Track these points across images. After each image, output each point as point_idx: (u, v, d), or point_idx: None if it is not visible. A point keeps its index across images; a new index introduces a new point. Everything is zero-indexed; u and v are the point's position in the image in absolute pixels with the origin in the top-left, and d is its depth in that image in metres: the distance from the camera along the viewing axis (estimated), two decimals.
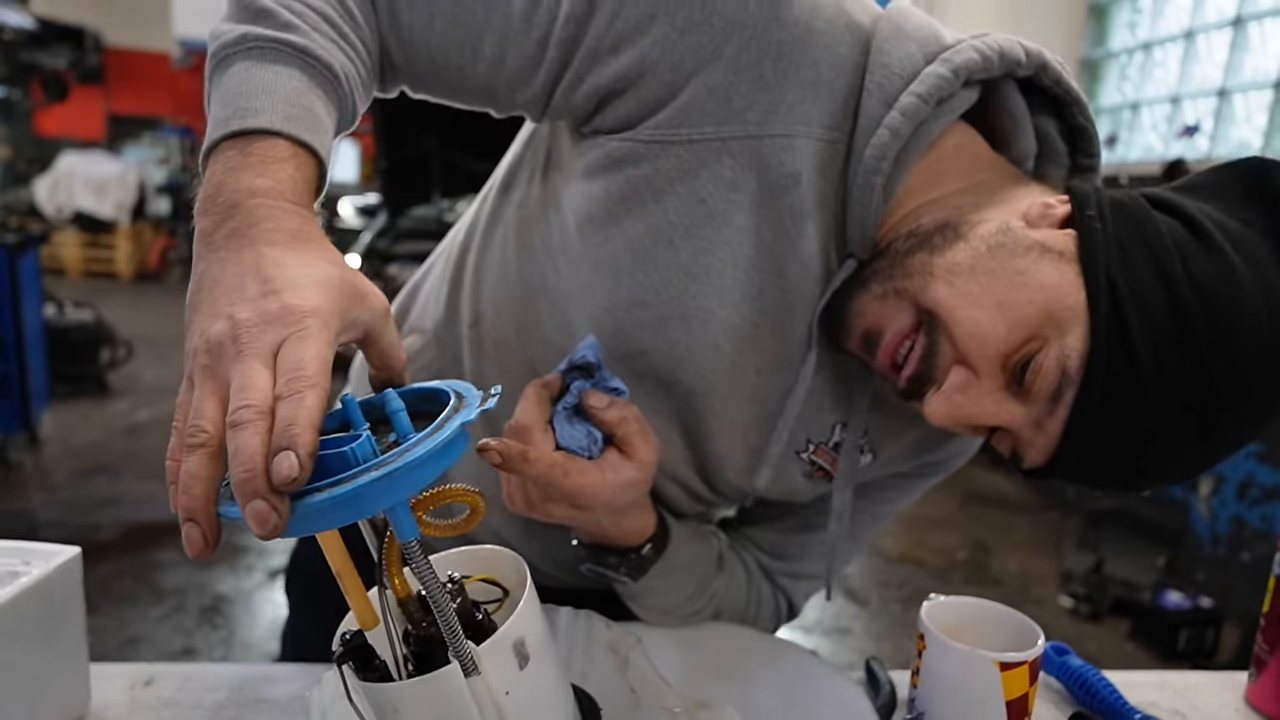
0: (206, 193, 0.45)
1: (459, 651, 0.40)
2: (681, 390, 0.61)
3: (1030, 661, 0.57)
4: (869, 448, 0.66)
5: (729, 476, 0.66)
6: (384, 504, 0.37)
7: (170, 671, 0.65)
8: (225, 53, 0.50)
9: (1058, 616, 2.98)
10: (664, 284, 0.57)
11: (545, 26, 0.56)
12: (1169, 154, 3.57)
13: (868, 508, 0.72)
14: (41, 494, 3.34)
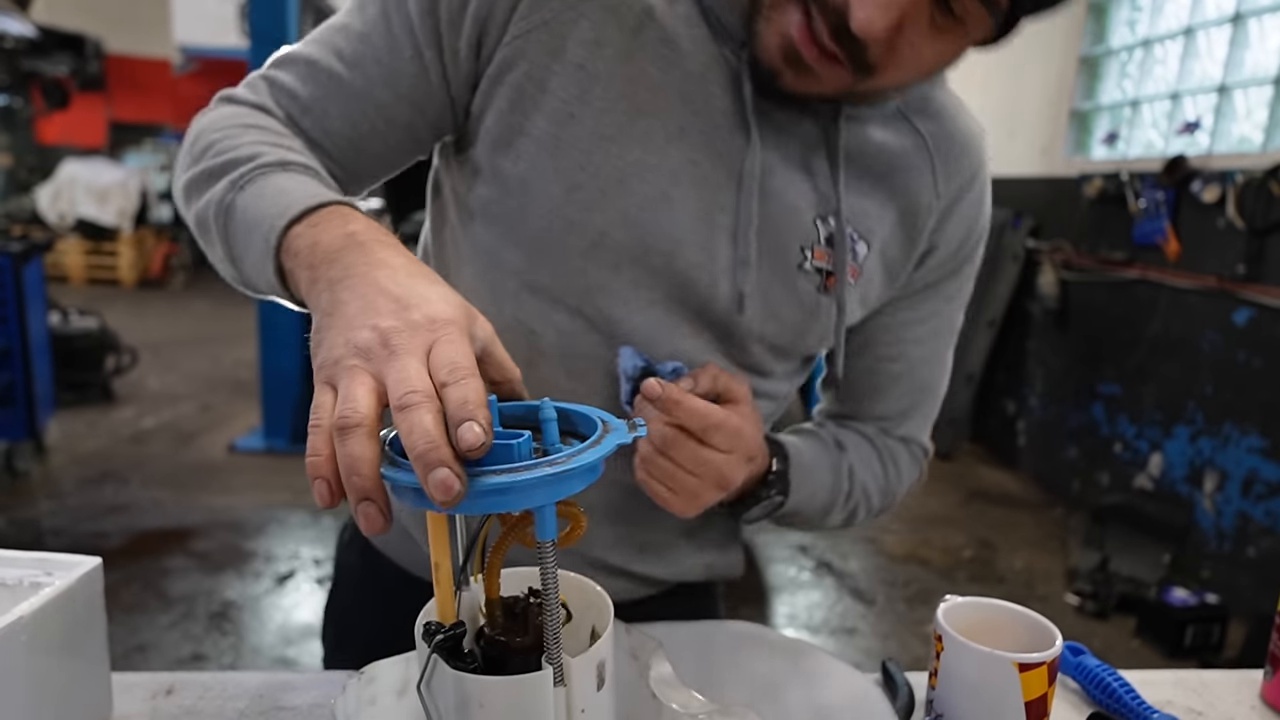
0: (300, 258, 0.50)
1: (554, 659, 0.42)
2: (660, 260, 0.62)
3: (1049, 662, 0.58)
4: (858, 236, 0.66)
5: (748, 324, 0.65)
6: (545, 499, 0.40)
7: (191, 680, 0.66)
8: (225, 202, 0.55)
9: (1063, 614, 2.98)
10: (585, 158, 0.60)
11: (409, 40, 0.61)
12: (1169, 150, 3.58)
13: (914, 328, 0.74)
14: (49, 502, 3.34)
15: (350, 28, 0.63)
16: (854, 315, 0.69)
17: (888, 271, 0.69)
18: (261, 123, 0.61)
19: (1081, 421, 4.02)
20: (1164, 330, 3.48)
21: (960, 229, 0.71)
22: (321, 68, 0.62)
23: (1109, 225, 3.87)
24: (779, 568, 3.24)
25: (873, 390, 0.76)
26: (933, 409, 0.79)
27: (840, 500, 0.72)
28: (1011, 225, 4.60)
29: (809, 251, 0.64)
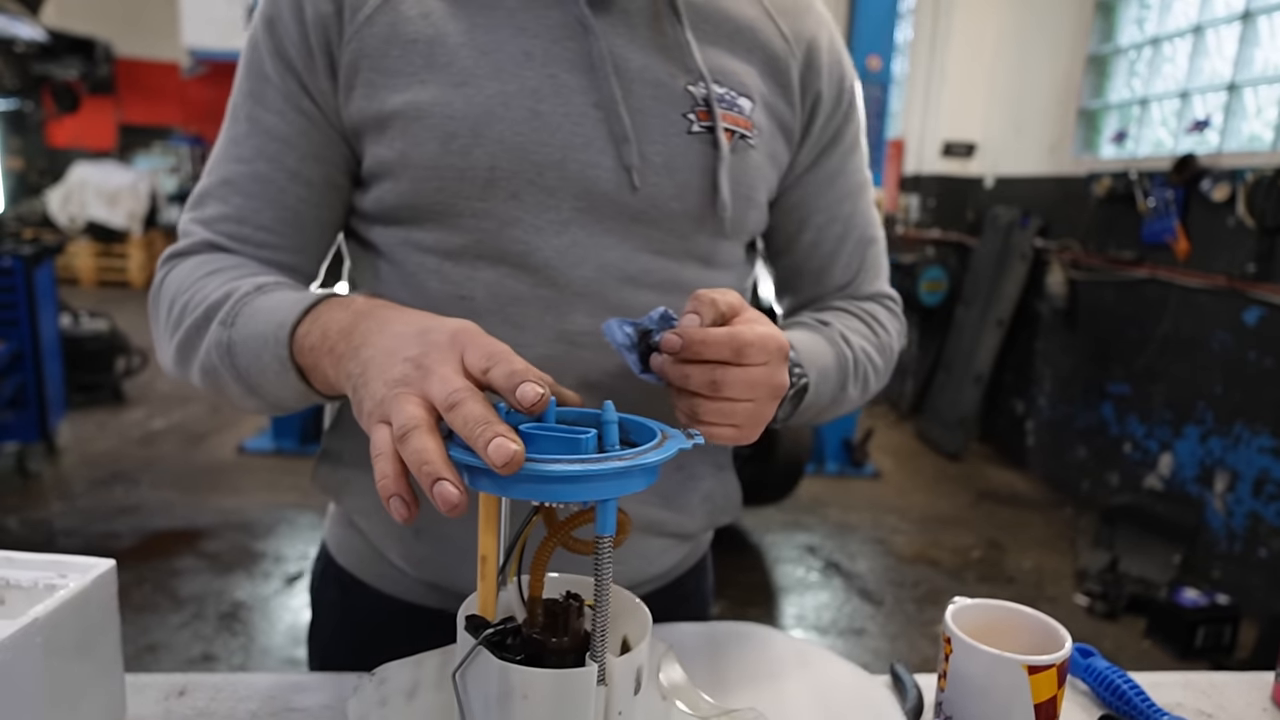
0: (316, 350, 0.55)
1: (599, 656, 0.43)
2: (553, 175, 0.64)
3: (1058, 664, 0.58)
4: (737, 93, 0.68)
5: (652, 200, 0.66)
6: (611, 492, 0.42)
7: (203, 682, 0.66)
8: (223, 342, 0.61)
9: (1073, 615, 2.97)
10: (448, 109, 0.62)
11: (283, 103, 0.65)
12: (1179, 149, 3.56)
13: (835, 186, 0.77)
14: (60, 503, 3.37)
15: (235, 132, 0.68)
16: (767, 172, 0.72)
17: (780, 125, 0.72)
18: (218, 264, 0.65)
19: (1091, 421, 4.01)
20: (1174, 330, 3.47)
21: (830, 75, 0.74)
22: (232, 180, 0.67)
23: (1118, 224, 3.85)
24: (787, 568, 3.24)
25: (824, 261, 0.79)
26: (882, 260, 0.83)
27: (849, 367, 0.73)
28: (1019, 224, 4.58)
29: (692, 116, 0.66)
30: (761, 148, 0.70)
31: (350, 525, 0.78)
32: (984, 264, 4.84)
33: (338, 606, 0.81)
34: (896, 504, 3.96)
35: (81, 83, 6.90)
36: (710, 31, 0.69)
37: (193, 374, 0.65)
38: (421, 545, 0.72)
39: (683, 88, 0.66)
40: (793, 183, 0.76)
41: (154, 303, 0.68)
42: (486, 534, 0.46)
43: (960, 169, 5.37)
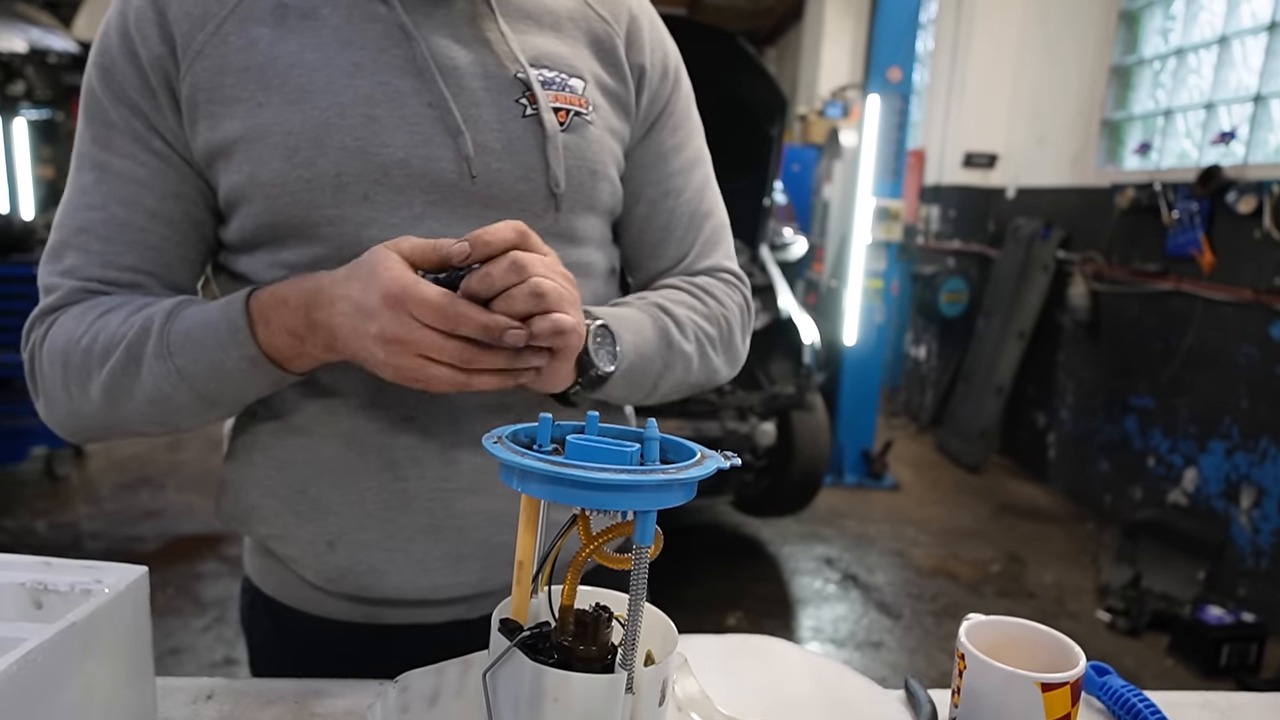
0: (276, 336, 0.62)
1: (629, 665, 0.44)
2: (399, 173, 0.66)
3: (1072, 682, 0.58)
4: (568, 75, 0.72)
5: (496, 185, 0.69)
6: (653, 504, 0.43)
7: (229, 687, 0.68)
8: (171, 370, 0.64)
9: (1095, 631, 2.93)
10: (287, 124, 0.64)
11: (132, 146, 0.66)
12: (1204, 161, 3.53)
13: (669, 161, 0.79)
14: (87, 506, 3.42)
15: (82, 181, 0.68)
16: (611, 144, 0.74)
17: (615, 99, 0.75)
18: (104, 305, 0.66)
19: (1113, 435, 3.96)
20: (1199, 343, 3.43)
21: (653, 51, 0.78)
22: (88, 228, 0.67)
23: (1142, 236, 3.82)
24: (804, 580, 3.23)
25: (660, 233, 0.80)
26: (725, 237, 0.84)
27: (670, 330, 0.74)
28: (1041, 236, 4.55)
29: (524, 101, 0.69)
30: (600, 123, 0.73)
31: (268, 553, 0.77)
32: (1005, 275, 4.81)
33: (270, 634, 0.81)
34: (916, 516, 3.94)
35: None
36: (533, 24, 0.72)
37: (130, 412, 0.65)
38: (337, 557, 0.71)
39: (512, 75, 0.69)
40: (625, 155, 0.78)
41: (40, 363, 0.67)
42: (525, 538, 0.47)
43: (981, 180, 5.34)
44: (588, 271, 0.75)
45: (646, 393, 0.75)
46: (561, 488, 0.43)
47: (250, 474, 0.74)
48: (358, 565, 0.71)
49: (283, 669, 0.77)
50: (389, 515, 0.71)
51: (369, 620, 0.75)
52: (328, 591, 0.74)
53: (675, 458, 0.49)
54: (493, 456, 0.45)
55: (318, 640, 0.76)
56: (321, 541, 0.71)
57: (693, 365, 0.76)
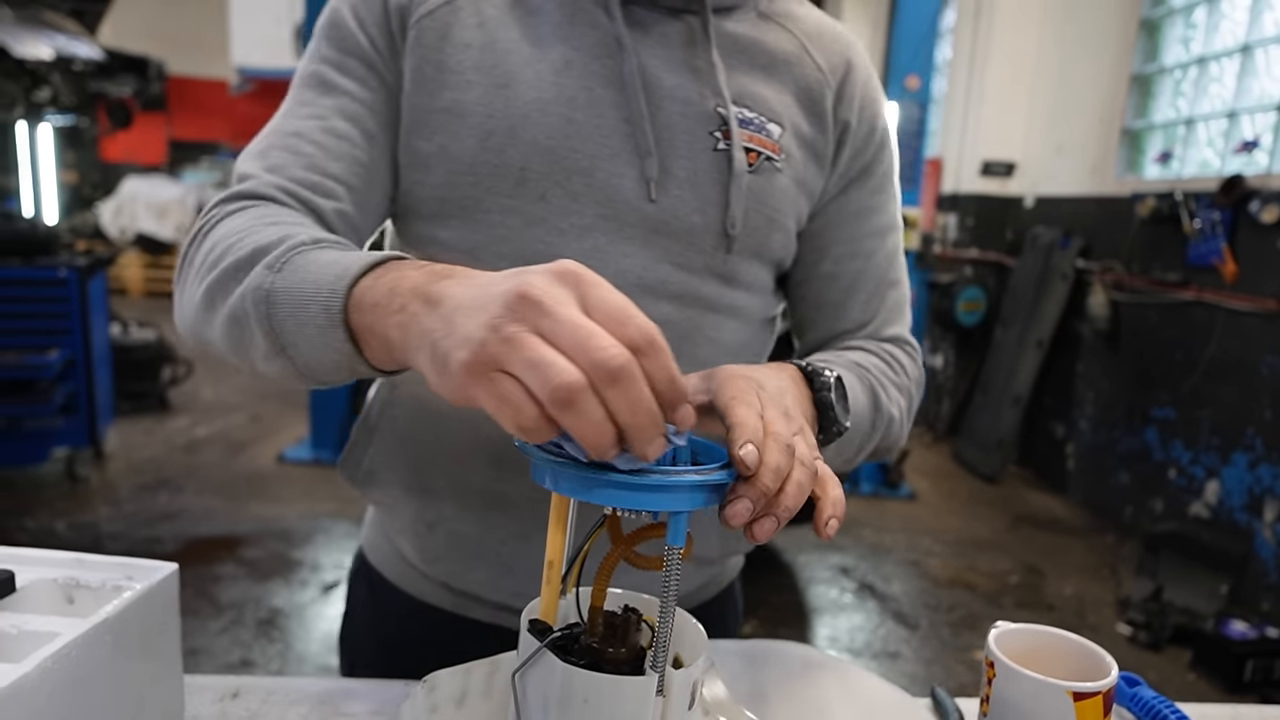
0: (379, 307, 0.47)
1: (659, 667, 0.44)
2: (580, 181, 0.66)
3: (1104, 692, 0.57)
4: (767, 119, 0.70)
5: (672, 212, 0.67)
6: (686, 504, 0.43)
7: (255, 685, 0.68)
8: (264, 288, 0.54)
9: (1115, 644, 2.90)
10: (488, 108, 0.65)
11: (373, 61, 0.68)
12: (1226, 170, 3.49)
13: (859, 223, 0.77)
14: (107, 507, 3.45)
15: (305, 95, 0.68)
16: (795, 197, 0.72)
17: (811, 151, 0.73)
18: (281, 217, 0.60)
19: (1133, 446, 3.92)
20: (1221, 353, 3.39)
21: (863, 110, 0.75)
22: (304, 133, 0.66)
23: (1162, 246, 3.79)
24: (820, 589, 3.21)
25: (842, 295, 0.78)
26: (905, 306, 0.82)
27: (880, 396, 0.70)
28: (1060, 245, 4.52)
29: (718, 134, 0.68)
30: (789, 173, 0.71)
31: (379, 524, 0.81)
32: (1023, 284, 4.78)
33: (366, 604, 0.84)
34: (932, 526, 3.91)
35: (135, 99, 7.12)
36: (745, 61, 0.71)
37: (214, 323, 0.58)
38: (434, 540, 0.74)
39: (712, 108, 0.68)
40: (818, 210, 0.76)
41: (199, 243, 0.61)
42: (554, 538, 0.47)
43: (999, 188, 5.31)
44: (742, 316, 0.74)
45: (848, 458, 0.70)
46: (595, 488, 0.42)
47: (376, 440, 0.76)
48: (451, 552, 0.73)
49: (369, 638, 0.82)
50: (486, 513, 0.72)
51: (457, 611, 0.76)
52: (423, 574, 0.76)
53: (705, 459, 0.49)
54: (525, 454, 0.45)
55: (407, 620, 0.78)
56: (423, 521, 0.73)
57: (891, 431, 0.73)
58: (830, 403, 0.59)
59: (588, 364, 0.36)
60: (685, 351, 0.70)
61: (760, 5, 0.74)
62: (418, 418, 0.73)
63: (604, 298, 0.39)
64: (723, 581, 0.85)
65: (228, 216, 0.61)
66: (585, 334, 0.37)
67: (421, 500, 0.73)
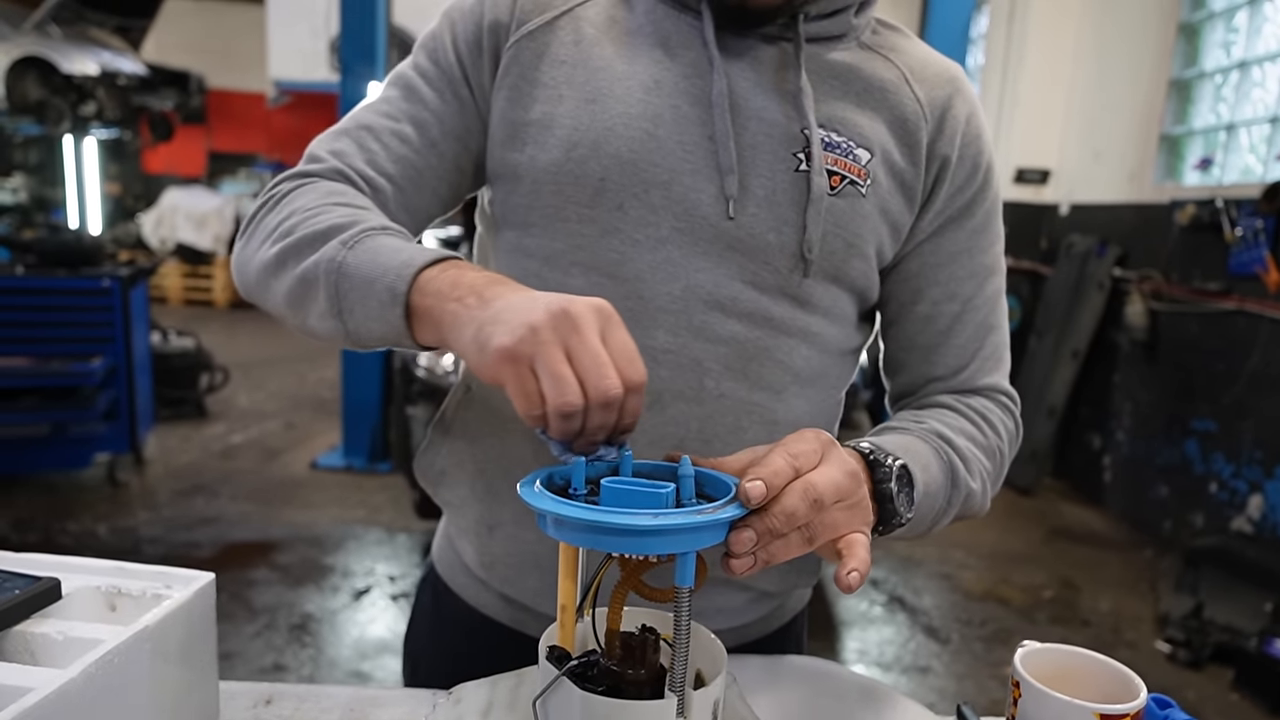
0: (442, 295, 0.56)
1: (678, 689, 0.45)
2: (659, 194, 0.67)
3: (1132, 714, 0.56)
4: (856, 144, 0.70)
5: (748, 230, 0.68)
6: (688, 546, 0.44)
7: (288, 691, 0.70)
8: (337, 259, 0.61)
9: (1154, 662, 2.83)
10: (575, 121, 0.68)
11: (444, 85, 0.72)
12: (1269, 176, 3.42)
13: (958, 264, 0.75)
14: (145, 512, 3.53)
15: (389, 94, 0.74)
16: (877, 224, 0.71)
17: (900, 182, 0.72)
18: (348, 198, 0.67)
19: (1173, 459, 3.84)
20: (1264, 364, 3.31)
21: (965, 148, 0.73)
22: (373, 128, 0.72)
23: (1203, 254, 3.71)
24: (849, 602, 3.18)
25: (939, 338, 0.76)
26: (1003, 352, 0.79)
27: (959, 471, 0.68)
28: (1096, 253, 4.45)
29: (802, 156, 0.69)
30: (874, 199, 0.70)
31: (446, 531, 0.84)
32: (1058, 293, 4.71)
33: (429, 610, 0.86)
34: (964, 539, 3.85)
35: (176, 113, 7.31)
36: (839, 87, 0.71)
37: (279, 284, 0.65)
38: (493, 543, 0.75)
39: (798, 130, 0.69)
40: (913, 249, 0.75)
41: (268, 209, 0.69)
42: (566, 582, 0.48)
43: (1034, 196, 5.24)
44: (816, 342, 0.73)
45: (919, 532, 0.68)
46: (594, 534, 0.43)
47: (448, 441, 0.79)
48: (508, 557, 0.75)
49: (430, 645, 0.85)
50: None
51: (514, 625, 0.77)
52: (482, 581, 0.78)
53: (712, 492, 0.48)
54: (527, 504, 0.45)
55: (465, 630, 0.80)
56: (484, 524, 0.75)
57: (971, 503, 0.71)
58: (890, 494, 0.60)
59: (592, 389, 0.48)
60: (752, 372, 0.70)
61: (863, 36, 0.74)
62: (488, 423, 0.76)
63: (622, 339, 0.50)
64: (786, 615, 0.84)
65: (296, 190, 0.69)
66: (599, 364, 0.48)
67: (485, 503, 0.75)
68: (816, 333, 0.72)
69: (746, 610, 0.78)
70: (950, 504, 0.68)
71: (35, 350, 3.47)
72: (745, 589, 0.76)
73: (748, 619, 0.78)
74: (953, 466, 0.68)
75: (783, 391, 0.71)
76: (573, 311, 0.49)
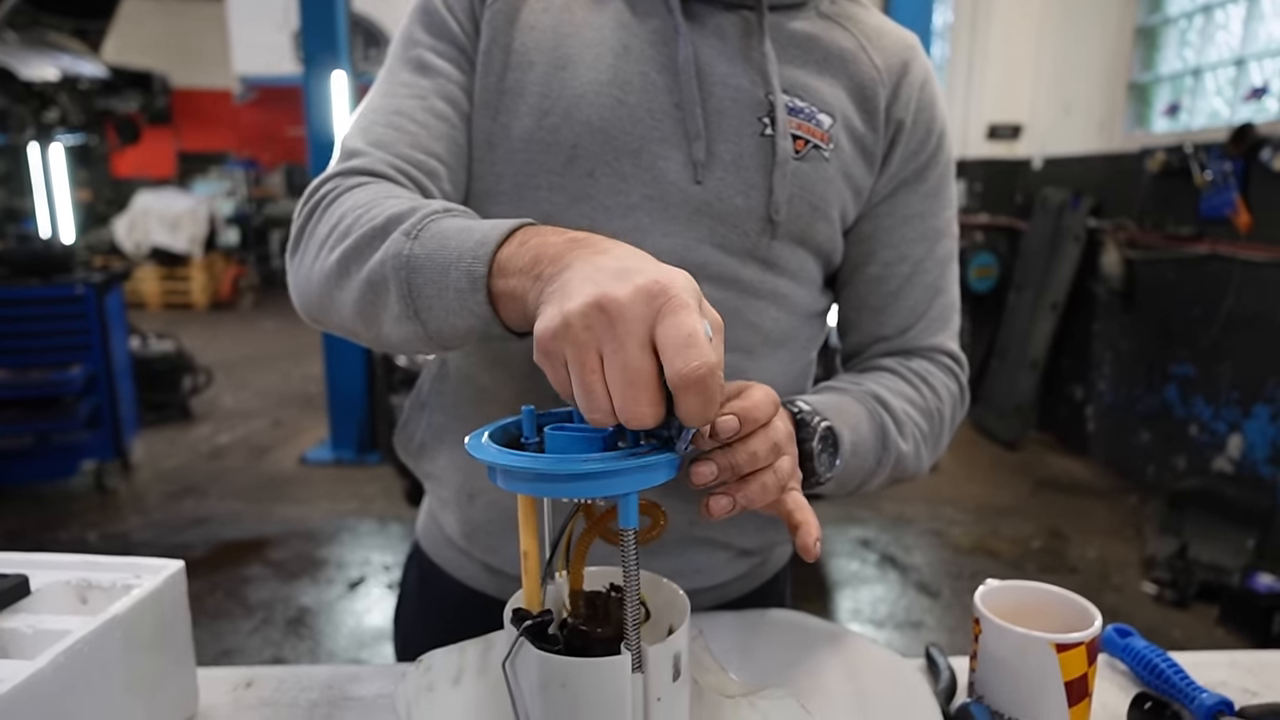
0: (522, 273, 0.50)
1: (632, 645, 0.45)
2: (629, 161, 0.68)
3: (1087, 642, 0.58)
4: (818, 109, 0.71)
5: (715, 194, 0.69)
6: (630, 487, 0.44)
7: (267, 674, 0.71)
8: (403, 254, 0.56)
9: (1141, 604, 2.89)
10: (546, 88, 0.68)
11: (462, 46, 0.72)
12: (1236, 119, 3.43)
13: (910, 226, 0.76)
14: (136, 517, 3.53)
15: (402, 76, 0.71)
16: (840, 187, 0.72)
17: (860, 147, 0.73)
18: (401, 193, 0.63)
19: (1154, 405, 3.89)
20: (1238, 306, 3.35)
21: (919, 112, 0.75)
22: (406, 111, 0.69)
23: (1174, 200, 3.73)
24: (841, 562, 3.22)
25: (887, 298, 0.77)
26: (951, 316, 0.80)
27: (890, 432, 0.70)
28: (1070, 205, 4.47)
29: (766, 120, 0.70)
30: (836, 163, 0.72)
31: (429, 509, 0.85)
32: (1035, 247, 4.73)
33: (415, 589, 0.88)
34: (952, 495, 3.90)
35: (141, 114, 7.19)
36: (801, 55, 0.73)
37: (344, 294, 0.60)
38: (474, 511, 0.76)
39: (762, 95, 0.70)
40: (867, 211, 0.76)
41: (318, 217, 0.64)
42: (526, 531, 0.48)
43: (1007, 151, 5.25)
44: (785, 304, 0.74)
45: (849, 491, 0.71)
46: (537, 482, 0.44)
47: (426, 416, 0.81)
48: (489, 524, 0.76)
49: (418, 622, 0.86)
50: None
51: (498, 595, 0.78)
52: (465, 552, 0.80)
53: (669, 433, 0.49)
54: (472, 457, 0.46)
55: (451, 604, 0.82)
56: (464, 493, 0.77)
57: (905, 464, 0.72)
58: (812, 453, 0.61)
59: (619, 410, 0.43)
60: (725, 334, 0.70)
61: (822, 6, 0.76)
62: (464, 394, 0.77)
63: (677, 326, 0.41)
64: (767, 573, 0.86)
65: (347, 191, 0.64)
66: (627, 382, 0.42)
67: (464, 471, 0.76)
68: (785, 294, 0.74)
69: (725, 568, 0.79)
70: (880, 464, 0.70)
71: (12, 362, 3.44)
72: (725, 547, 0.77)
73: (727, 576, 0.80)
74: (884, 428, 0.70)
75: (754, 352, 0.73)
76: (610, 308, 0.42)
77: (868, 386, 0.73)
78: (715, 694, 0.55)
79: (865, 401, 0.70)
